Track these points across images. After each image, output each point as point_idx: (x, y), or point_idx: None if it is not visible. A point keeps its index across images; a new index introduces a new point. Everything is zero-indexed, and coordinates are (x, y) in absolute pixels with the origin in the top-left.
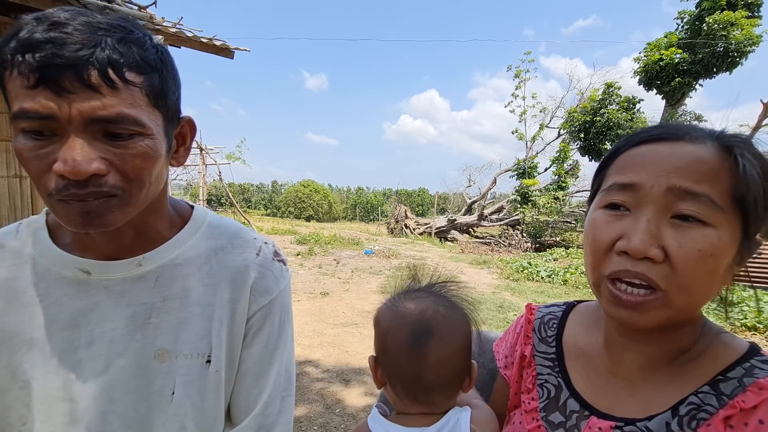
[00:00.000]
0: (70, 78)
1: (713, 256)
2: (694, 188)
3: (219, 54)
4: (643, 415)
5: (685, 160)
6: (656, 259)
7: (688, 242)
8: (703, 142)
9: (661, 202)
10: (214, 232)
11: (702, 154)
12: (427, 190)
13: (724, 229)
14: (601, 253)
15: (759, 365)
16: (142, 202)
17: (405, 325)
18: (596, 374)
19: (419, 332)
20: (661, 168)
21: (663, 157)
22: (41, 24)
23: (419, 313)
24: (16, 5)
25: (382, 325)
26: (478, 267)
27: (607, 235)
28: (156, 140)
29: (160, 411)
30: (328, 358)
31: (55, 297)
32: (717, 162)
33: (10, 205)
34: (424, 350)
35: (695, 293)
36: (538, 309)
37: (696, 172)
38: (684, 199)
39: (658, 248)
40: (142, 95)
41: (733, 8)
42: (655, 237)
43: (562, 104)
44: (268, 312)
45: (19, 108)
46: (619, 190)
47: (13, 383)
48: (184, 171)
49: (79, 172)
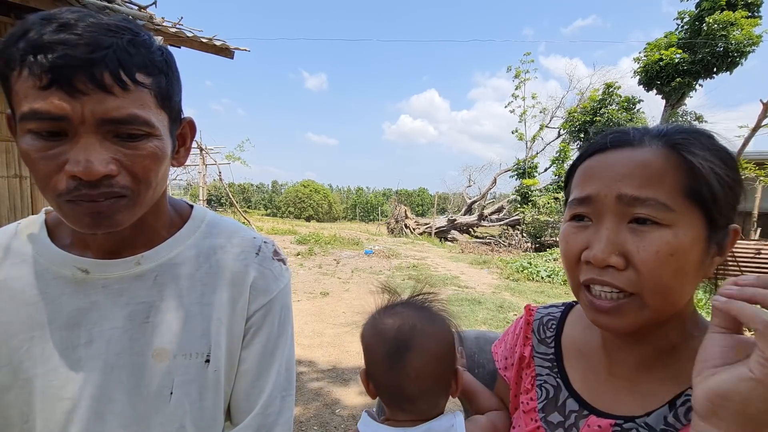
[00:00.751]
0: (83, 79)
1: (673, 255)
2: (639, 194)
3: (219, 54)
4: (642, 412)
5: (629, 167)
6: (618, 267)
7: (645, 245)
8: (649, 144)
9: (616, 210)
10: (214, 231)
11: (645, 158)
12: (427, 190)
13: (681, 227)
14: (573, 264)
15: None
16: (149, 202)
17: (383, 341)
18: (594, 373)
19: (396, 347)
20: (609, 177)
21: (609, 166)
22: (50, 25)
23: (396, 329)
24: (16, 5)
25: (365, 341)
26: (478, 267)
27: (575, 246)
28: (163, 141)
29: (158, 410)
30: (327, 357)
31: (53, 296)
32: (661, 163)
33: (10, 205)
34: (402, 364)
35: (667, 293)
36: (537, 310)
37: (639, 177)
38: (633, 205)
39: (618, 256)
40: (151, 96)
41: (733, 8)
42: (615, 245)
43: (562, 104)
44: (267, 311)
45: (30, 108)
46: (579, 204)
47: (14, 382)
48: (184, 171)
49: (93, 173)
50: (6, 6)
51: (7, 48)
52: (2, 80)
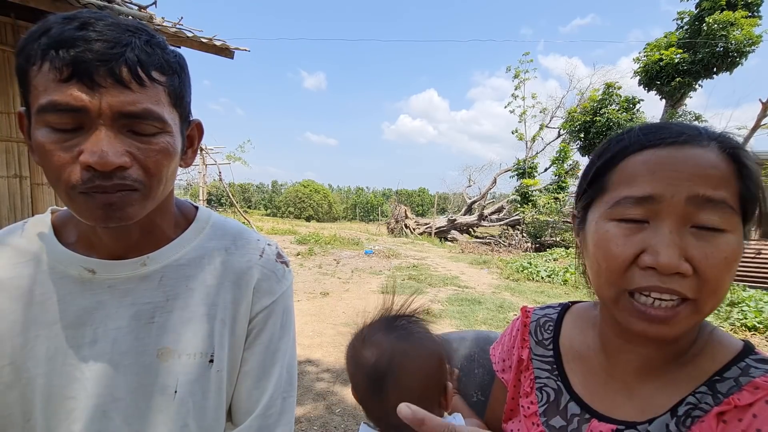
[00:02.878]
0: (102, 73)
1: (736, 261)
2: (714, 195)
3: (219, 54)
4: (643, 418)
5: (700, 166)
6: (687, 274)
7: (713, 252)
8: (708, 145)
9: (682, 212)
10: (218, 233)
11: (713, 158)
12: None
13: (738, 233)
14: (621, 269)
15: (754, 364)
16: (159, 198)
17: (364, 375)
18: (593, 376)
19: (376, 379)
20: (678, 176)
21: (677, 164)
22: (71, 23)
23: (374, 362)
24: (16, 5)
25: (348, 370)
26: (478, 267)
27: (627, 249)
28: (175, 138)
29: (162, 410)
30: (328, 358)
31: (60, 295)
32: (726, 166)
33: (10, 205)
34: (383, 395)
35: (722, 298)
36: (533, 311)
37: (713, 178)
38: (704, 207)
39: (686, 262)
40: (165, 94)
41: (733, 8)
42: (681, 249)
43: (562, 104)
44: (270, 313)
45: (49, 100)
46: (635, 204)
47: (17, 380)
48: (185, 171)
49: (108, 163)
50: (6, 6)
51: (28, 44)
52: (21, 76)
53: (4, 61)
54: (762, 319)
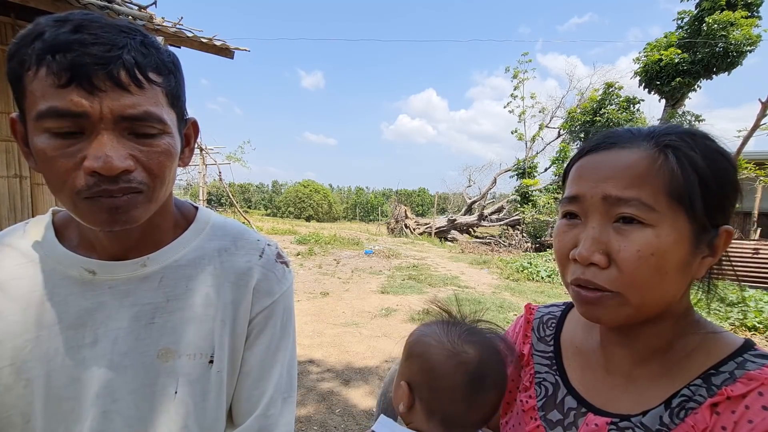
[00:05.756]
0: (101, 77)
1: (654, 254)
2: (623, 194)
3: (219, 54)
4: (638, 411)
5: (615, 168)
6: (601, 265)
7: (627, 245)
8: (637, 145)
9: (601, 209)
10: (218, 234)
11: (631, 159)
12: (427, 190)
13: (664, 227)
14: (564, 261)
15: (751, 359)
16: (161, 199)
17: (463, 372)
18: (591, 371)
19: (478, 380)
20: (595, 178)
21: (596, 167)
22: (64, 26)
23: (478, 362)
24: (16, 5)
25: (432, 362)
26: (478, 267)
27: (566, 243)
28: (175, 138)
29: (162, 410)
30: (328, 358)
31: (60, 296)
32: (646, 164)
33: (10, 205)
34: (479, 397)
35: (647, 291)
36: (538, 309)
37: (625, 179)
38: (619, 205)
39: (602, 254)
40: (163, 95)
41: (733, 8)
42: (600, 243)
43: (562, 104)
44: (270, 313)
45: (49, 106)
46: (569, 202)
47: (17, 381)
48: (184, 171)
49: (113, 168)
50: (6, 6)
51: (21, 49)
52: (14, 81)
53: (4, 61)
54: (762, 319)
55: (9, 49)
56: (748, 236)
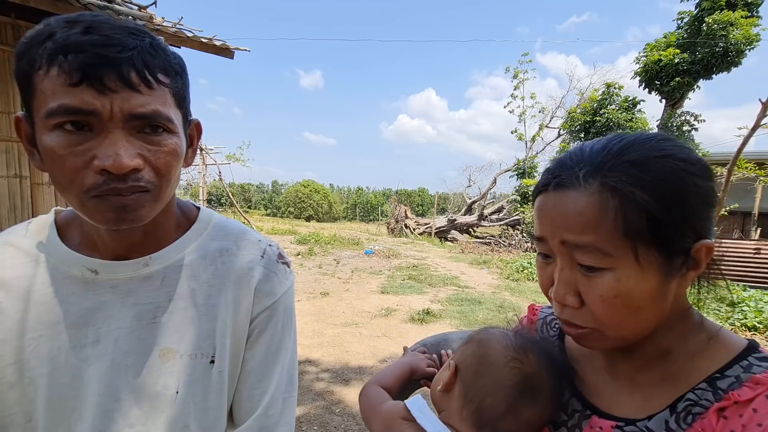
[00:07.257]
0: (112, 77)
1: (617, 297)
2: (578, 240)
3: (219, 54)
4: (643, 415)
5: (566, 215)
6: (574, 306)
7: (590, 290)
8: (585, 186)
9: (564, 252)
10: (220, 234)
11: (579, 205)
12: (427, 190)
13: (624, 268)
14: (548, 297)
15: (757, 362)
16: (167, 199)
17: (516, 372)
18: (596, 374)
19: (527, 387)
20: (552, 223)
21: (552, 211)
22: (75, 27)
23: (534, 372)
24: (16, 5)
25: (489, 348)
26: (478, 267)
27: (544, 282)
28: (181, 138)
29: (164, 410)
30: (328, 358)
31: (63, 295)
32: (594, 210)
33: (10, 205)
34: (520, 403)
35: (622, 328)
36: (541, 309)
37: (578, 225)
38: (575, 250)
39: (573, 296)
40: (170, 96)
41: (733, 8)
42: (570, 285)
43: (562, 104)
44: (271, 314)
45: (60, 104)
46: (538, 242)
47: (20, 380)
48: (185, 171)
49: (123, 166)
50: (6, 6)
51: (31, 49)
52: (23, 80)
53: (4, 61)
54: (762, 319)
55: (18, 48)
56: (749, 236)
